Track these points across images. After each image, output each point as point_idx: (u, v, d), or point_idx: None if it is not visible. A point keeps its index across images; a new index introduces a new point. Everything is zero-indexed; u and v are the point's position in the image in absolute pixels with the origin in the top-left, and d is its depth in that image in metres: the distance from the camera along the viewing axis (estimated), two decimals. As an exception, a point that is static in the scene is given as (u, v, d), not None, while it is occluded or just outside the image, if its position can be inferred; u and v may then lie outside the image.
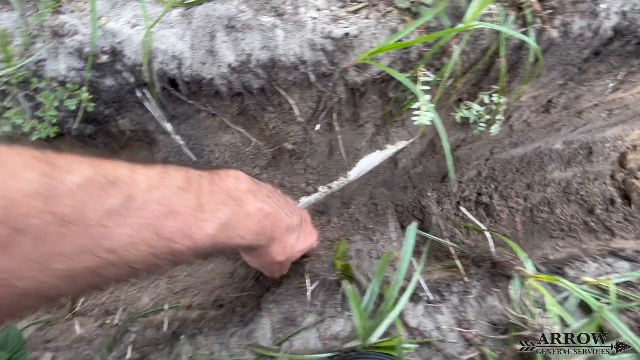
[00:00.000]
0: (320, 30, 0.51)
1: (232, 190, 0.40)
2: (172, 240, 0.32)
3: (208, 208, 0.35)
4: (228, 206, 0.38)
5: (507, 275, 0.47)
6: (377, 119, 0.67)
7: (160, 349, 0.43)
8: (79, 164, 0.28)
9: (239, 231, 0.39)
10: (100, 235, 0.27)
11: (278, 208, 0.46)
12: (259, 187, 0.45)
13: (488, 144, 0.90)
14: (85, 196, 0.27)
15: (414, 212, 0.94)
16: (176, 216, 0.32)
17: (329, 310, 0.45)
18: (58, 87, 0.50)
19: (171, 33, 0.51)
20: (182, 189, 0.34)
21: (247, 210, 0.40)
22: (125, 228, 0.29)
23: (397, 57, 0.54)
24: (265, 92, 0.58)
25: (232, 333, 0.44)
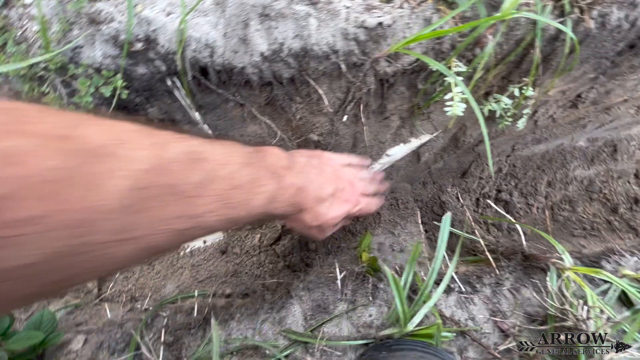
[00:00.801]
0: (353, 20, 0.51)
1: (274, 166, 0.46)
2: (235, 208, 0.37)
3: (260, 182, 0.40)
4: (273, 180, 0.43)
5: (542, 268, 0.46)
6: (404, 111, 0.67)
7: (193, 333, 0.44)
8: (170, 139, 0.32)
9: (278, 203, 0.44)
10: (192, 203, 0.32)
11: (308, 182, 0.50)
12: (294, 163, 0.50)
13: (510, 139, 0.89)
14: (182, 169, 0.31)
15: (433, 207, 0.93)
16: (240, 188, 0.37)
17: (360, 299, 0.45)
18: (94, 73, 0.50)
19: (205, 21, 0.51)
20: (243, 164, 0.39)
21: (284, 184, 0.45)
22: (207, 198, 0.33)
23: (430, 47, 0.53)
24: (295, 82, 0.58)
25: (263, 319, 0.44)
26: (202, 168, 0.33)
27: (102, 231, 0.25)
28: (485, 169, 0.94)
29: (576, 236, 0.96)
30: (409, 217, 0.82)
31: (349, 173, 0.61)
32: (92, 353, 0.46)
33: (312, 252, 0.67)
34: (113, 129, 0.28)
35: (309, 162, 0.54)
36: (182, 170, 0.31)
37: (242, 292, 0.60)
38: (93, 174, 0.24)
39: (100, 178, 0.25)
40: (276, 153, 0.49)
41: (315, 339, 0.38)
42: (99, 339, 0.48)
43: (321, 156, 0.60)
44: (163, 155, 0.30)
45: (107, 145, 0.26)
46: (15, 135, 0.22)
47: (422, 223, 0.85)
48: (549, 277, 0.44)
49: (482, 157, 0.93)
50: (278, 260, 0.64)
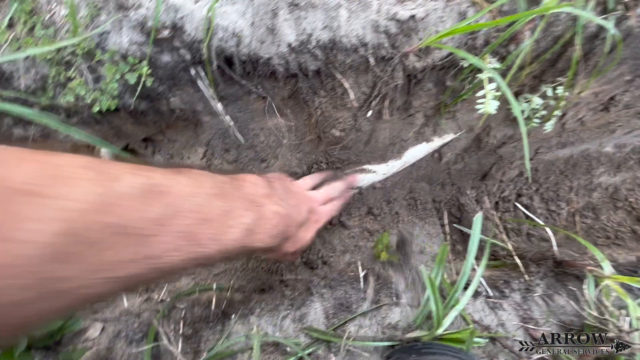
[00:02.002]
0: (385, 12, 0.49)
1: (252, 195, 0.42)
2: (205, 245, 0.33)
3: (234, 214, 0.36)
4: (251, 211, 0.39)
5: (576, 275, 0.44)
6: (429, 109, 0.65)
7: (212, 327, 0.43)
8: (124, 171, 0.29)
9: (260, 235, 0.40)
10: (147, 243, 0.28)
11: (290, 207, 0.47)
12: (274, 190, 0.46)
13: (534, 142, 0.86)
14: (134, 205, 0.28)
15: (451, 209, 0.91)
16: (209, 222, 0.33)
17: (384, 299, 0.43)
18: (120, 60, 0.50)
19: (233, 9, 0.50)
20: (213, 195, 0.35)
21: (265, 214, 0.41)
22: (167, 235, 0.30)
23: (462, 42, 0.51)
24: (320, 75, 0.56)
25: (284, 316, 0.43)
26: (160, 202, 0.30)
27: (13, 287, 0.21)
28: (506, 172, 0.91)
29: (599, 245, 0.93)
30: (427, 217, 0.80)
31: (304, 188, 0.59)
32: (110, 342, 0.45)
33: (330, 250, 0.66)
34: (48, 165, 0.25)
35: (284, 186, 0.51)
36: (135, 206, 0.28)
37: (259, 287, 0.59)
38: (9, 219, 0.21)
39: (16, 223, 0.21)
40: (254, 181, 0.45)
41: (339, 338, 0.37)
42: (116, 328, 0.48)
43: (286, 179, 0.57)
44: (110, 191, 0.26)
45: (34, 184, 0.23)
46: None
47: (442, 225, 0.83)
48: (586, 286, 0.41)
49: (503, 159, 0.90)
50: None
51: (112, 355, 0.43)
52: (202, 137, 0.70)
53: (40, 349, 0.46)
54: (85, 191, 0.25)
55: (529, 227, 0.96)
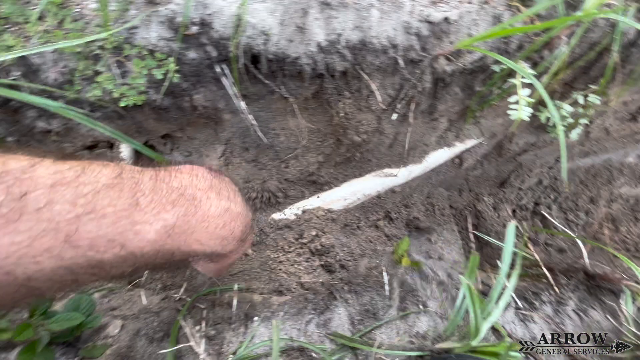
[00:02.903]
0: (418, 13, 0.48)
1: (186, 187, 0.33)
2: (93, 248, 0.25)
3: (148, 208, 0.29)
4: (179, 206, 0.31)
5: (611, 289, 0.43)
6: (453, 113, 0.64)
7: (235, 329, 0.42)
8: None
9: (197, 235, 0.32)
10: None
11: (243, 207, 0.38)
12: (224, 183, 0.38)
13: (556, 151, 0.85)
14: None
15: (467, 216, 0.90)
16: (99, 219, 0.26)
17: (411, 306, 0.42)
18: (147, 55, 0.49)
19: (263, 7, 0.50)
20: (110, 186, 0.27)
21: (208, 211, 0.33)
22: (14, 235, 0.22)
23: (495, 47, 0.50)
24: (347, 76, 0.56)
25: (308, 320, 0.42)
26: (6, 191, 0.23)
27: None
28: (526, 180, 0.90)
29: (614, 258, 0.91)
30: (445, 224, 0.79)
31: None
32: (130, 339, 0.45)
33: (348, 253, 0.65)
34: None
35: (230, 181, 0.40)
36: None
37: (276, 288, 0.58)
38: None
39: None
40: (190, 171, 0.36)
41: (367, 346, 0.36)
42: (135, 325, 0.47)
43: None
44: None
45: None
46: None
47: (459, 232, 0.82)
48: (624, 301, 0.40)
49: (523, 166, 0.89)
50: (313, 258, 0.62)
51: (133, 353, 0.43)
52: (222, 136, 0.70)
53: (61, 344, 0.45)
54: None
55: (546, 237, 0.94)
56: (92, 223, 0.25)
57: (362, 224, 0.72)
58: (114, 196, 0.27)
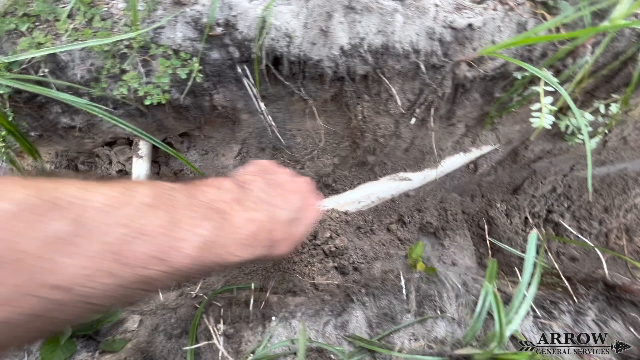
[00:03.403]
0: (442, 19, 0.48)
1: (214, 202, 0.35)
2: (142, 266, 0.27)
3: (185, 225, 0.31)
4: (211, 220, 0.33)
5: (632, 301, 0.43)
6: (471, 119, 0.64)
7: (252, 328, 0.43)
8: (13, 188, 0.24)
9: (229, 248, 0.34)
10: (40, 270, 0.23)
11: (273, 208, 0.40)
12: (247, 193, 0.40)
13: (571, 159, 0.84)
14: (19, 225, 0.23)
15: (479, 221, 0.90)
16: (144, 238, 0.28)
17: (428, 311, 0.42)
18: (172, 55, 0.50)
19: (287, 10, 0.50)
20: (150, 205, 0.29)
21: (235, 223, 0.35)
22: (77, 258, 0.24)
23: (518, 54, 0.50)
24: (367, 80, 0.56)
25: (326, 322, 0.42)
26: (63, 217, 0.24)
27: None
28: (539, 187, 0.89)
29: (633, 268, 0.90)
30: (457, 229, 0.79)
31: (299, 180, 0.49)
32: (149, 335, 0.45)
33: (361, 256, 0.65)
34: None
35: (265, 182, 0.43)
36: (26, 224, 0.23)
37: (290, 288, 0.59)
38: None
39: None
40: (216, 184, 0.38)
41: (387, 349, 0.36)
42: (153, 321, 0.48)
43: (267, 167, 0.48)
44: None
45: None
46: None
47: (470, 237, 0.81)
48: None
49: (537, 174, 0.88)
50: (327, 260, 0.62)
51: (152, 348, 0.43)
52: (239, 135, 0.70)
53: (81, 337, 0.46)
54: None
55: (558, 245, 0.93)
56: (138, 242, 0.27)
57: (375, 226, 0.72)
58: (154, 215, 0.29)
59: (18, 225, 0.23)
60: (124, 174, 0.75)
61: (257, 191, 0.41)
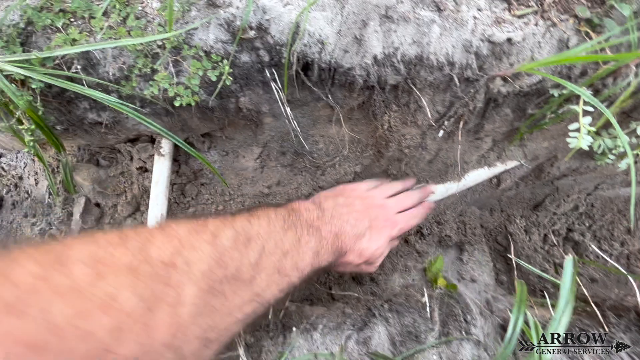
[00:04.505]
0: (480, 32, 0.47)
1: (309, 220, 0.47)
2: (289, 275, 0.37)
3: (303, 241, 0.41)
4: (313, 235, 0.44)
5: (669, 335, 0.41)
6: (500, 134, 0.62)
7: (272, 338, 0.42)
8: (218, 226, 0.34)
9: (323, 255, 0.44)
10: (253, 284, 0.33)
11: (344, 223, 0.51)
12: (323, 211, 0.52)
13: (597, 177, 0.82)
14: (237, 255, 0.32)
15: (497, 236, 0.88)
16: (288, 254, 0.38)
17: (453, 331, 0.41)
18: (203, 57, 0.50)
19: (322, 16, 0.49)
20: (285, 229, 0.40)
21: (323, 235, 0.46)
22: (263, 274, 0.34)
23: (556, 71, 0.49)
24: (397, 90, 0.55)
25: (348, 336, 0.41)
26: (253, 247, 0.34)
27: (187, 342, 0.26)
28: (561, 205, 0.87)
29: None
30: (476, 244, 0.78)
31: (377, 197, 0.61)
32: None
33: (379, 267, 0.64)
34: (175, 240, 0.30)
35: (336, 202, 0.55)
36: (237, 256, 0.32)
37: (307, 296, 0.58)
38: (165, 290, 0.26)
39: (169, 291, 0.26)
40: (307, 207, 0.51)
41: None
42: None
43: (344, 191, 0.62)
44: (219, 247, 0.31)
45: (173, 257, 0.28)
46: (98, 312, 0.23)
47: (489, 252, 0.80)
48: (687, 349, 0.38)
49: (560, 191, 0.86)
50: (345, 270, 0.61)
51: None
52: (260, 138, 0.70)
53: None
54: (205, 253, 0.30)
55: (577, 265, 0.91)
56: (286, 257, 0.38)
57: (393, 237, 0.70)
58: (289, 236, 0.40)
59: (236, 254, 0.32)
60: (144, 171, 0.75)
61: (329, 209, 0.53)
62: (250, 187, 0.74)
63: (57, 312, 0.20)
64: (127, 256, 0.25)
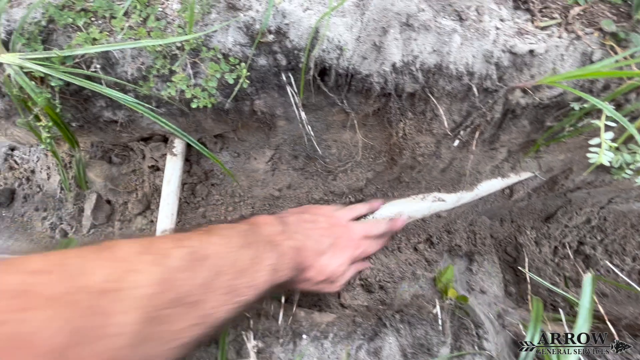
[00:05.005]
0: (502, 43, 0.47)
1: (270, 235, 0.46)
2: (243, 294, 0.36)
3: (260, 258, 0.40)
4: (273, 252, 0.43)
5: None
6: (515, 145, 0.62)
7: (283, 344, 0.42)
8: (170, 246, 0.32)
9: (283, 271, 0.44)
10: (201, 306, 0.31)
11: (306, 239, 0.51)
12: (287, 225, 0.51)
13: (611, 191, 0.81)
14: (184, 276, 0.31)
15: (507, 247, 0.87)
16: (244, 272, 0.37)
17: (465, 345, 0.41)
18: (221, 59, 0.50)
19: (341, 22, 0.49)
20: (242, 246, 0.39)
21: (283, 250, 0.45)
22: (214, 294, 0.33)
23: (578, 85, 0.48)
24: (414, 98, 0.55)
25: (359, 346, 0.41)
26: (205, 267, 0.33)
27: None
28: (573, 217, 0.86)
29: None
30: (485, 254, 0.77)
31: (342, 218, 0.60)
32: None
33: (387, 274, 0.64)
34: (115, 263, 0.28)
35: (301, 218, 0.55)
36: (187, 277, 0.31)
37: (315, 302, 0.58)
38: (100, 318, 0.24)
39: (106, 319, 0.25)
40: (269, 222, 0.50)
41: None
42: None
43: (309, 209, 0.62)
44: (166, 269, 0.30)
45: (111, 281, 0.26)
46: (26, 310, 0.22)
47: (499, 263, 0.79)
48: None
49: (572, 203, 0.85)
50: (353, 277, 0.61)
51: (180, 355, 0.43)
52: (273, 141, 0.70)
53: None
54: (150, 276, 0.28)
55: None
56: (241, 276, 0.36)
57: (402, 245, 0.70)
58: (246, 254, 0.38)
59: (187, 275, 0.31)
60: (155, 170, 0.75)
61: (293, 224, 0.52)
62: (261, 189, 0.74)
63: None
64: (60, 285, 0.24)
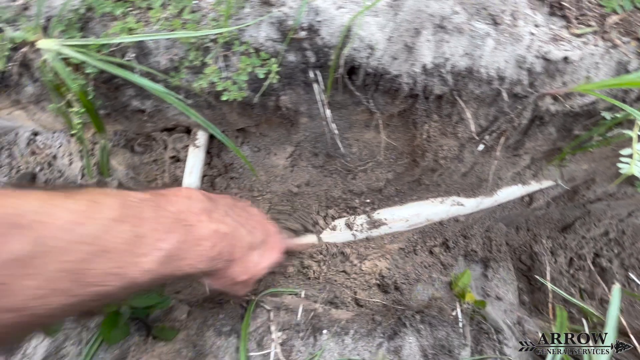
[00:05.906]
0: (536, 48, 0.46)
1: (182, 212, 0.36)
2: (99, 283, 0.27)
3: (149, 239, 0.31)
4: (175, 233, 0.33)
5: None
6: (539, 152, 0.61)
7: (303, 338, 0.42)
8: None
9: (189, 260, 0.34)
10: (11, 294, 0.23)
11: (238, 226, 0.41)
12: (216, 204, 0.41)
13: (632, 204, 0.80)
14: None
15: (521, 255, 0.86)
16: (106, 255, 0.28)
17: (487, 350, 0.41)
18: (253, 53, 0.50)
19: (374, 21, 0.49)
20: (116, 220, 0.29)
21: (199, 234, 0.36)
22: (32, 279, 0.24)
23: (611, 93, 0.48)
24: (441, 100, 0.54)
25: (379, 344, 0.41)
26: (24, 237, 0.24)
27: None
28: (591, 229, 0.85)
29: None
30: (501, 261, 0.76)
31: (271, 224, 0.53)
32: (198, 327, 0.46)
33: (403, 276, 0.64)
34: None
35: (235, 205, 0.46)
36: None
37: (331, 299, 0.58)
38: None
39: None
40: (186, 195, 0.39)
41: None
42: (201, 314, 0.48)
43: (245, 204, 0.52)
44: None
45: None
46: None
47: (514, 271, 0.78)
48: None
49: (591, 214, 0.84)
50: (370, 277, 0.61)
51: (202, 341, 0.44)
52: (294, 137, 0.70)
53: (134, 320, 0.47)
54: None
55: (602, 292, 0.89)
56: (99, 260, 0.27)
57: (418, 247, 0.70)
58: (119, 230, 0.29)
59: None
60: (176, 161, 0.76)
61: (225, 207, 0.42)
62: (279, 185, 0.74)
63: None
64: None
